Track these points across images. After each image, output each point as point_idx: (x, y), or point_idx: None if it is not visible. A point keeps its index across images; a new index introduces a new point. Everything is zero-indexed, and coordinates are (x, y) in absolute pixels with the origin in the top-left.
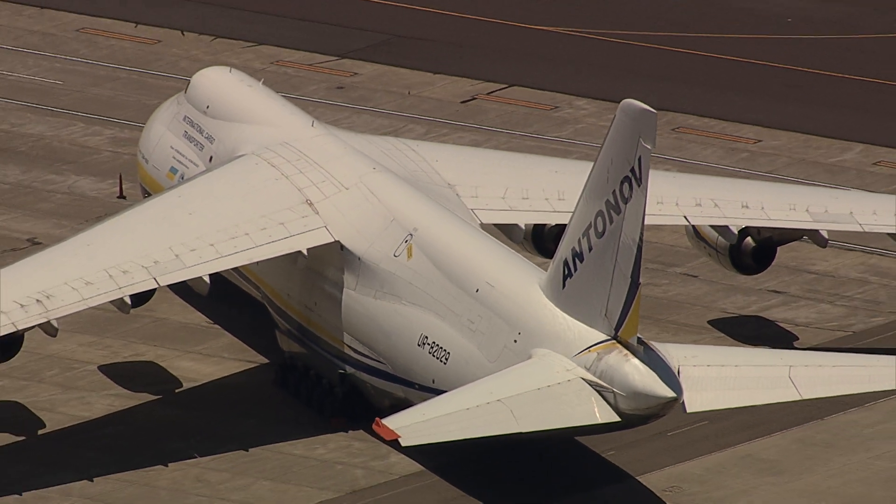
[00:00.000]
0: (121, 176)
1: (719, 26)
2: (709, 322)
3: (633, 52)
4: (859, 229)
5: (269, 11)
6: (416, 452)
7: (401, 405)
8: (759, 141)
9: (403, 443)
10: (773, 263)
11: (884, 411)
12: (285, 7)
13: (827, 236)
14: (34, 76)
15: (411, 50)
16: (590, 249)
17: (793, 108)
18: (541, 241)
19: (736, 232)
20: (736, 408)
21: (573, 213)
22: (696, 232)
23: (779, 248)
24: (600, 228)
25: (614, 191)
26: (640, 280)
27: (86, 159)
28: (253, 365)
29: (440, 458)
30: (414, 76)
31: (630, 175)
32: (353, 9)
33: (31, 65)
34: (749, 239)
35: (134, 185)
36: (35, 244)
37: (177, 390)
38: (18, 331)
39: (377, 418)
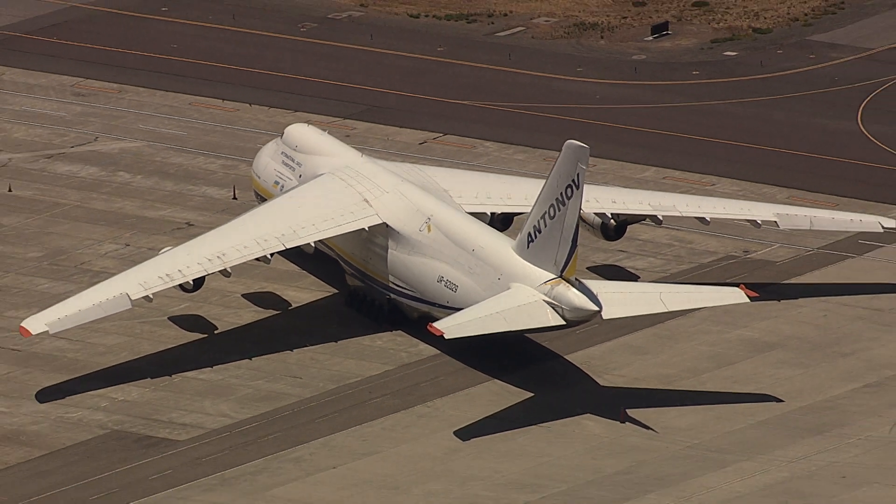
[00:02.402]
0: (234, 186)
1: (552, 100)
2: (587, 268)
3: (513, 116)
4: (679, 214)
5: (300, 93)
6: (437, 342)
7: (426, 317)
8: (594, 166)
9: (446, 336)
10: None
11: (698, 318)
12: (310, 91)
13: (661, 219)
14: (169, 130)
15: (384, 114)
16: (545, 226)
17: (610, 146)
18: (492, 223)
19: (610, 215)
20: (632, 316)
21: (533, 206)
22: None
23: (628, 227)
24: (552, 214)
25: (561, 192)
26: (577, 244)
27: (210, 177)
28: (330, 294)
29: (449, 346)
30: (388, 129)
31: (571, 184)
32: (347, 91)
33: (167, 123)
34: (612, 220)
35: (243, 192)
36: (190, 226)
37: (289, 308)
38: (207, 274)
39: (429, 323)
